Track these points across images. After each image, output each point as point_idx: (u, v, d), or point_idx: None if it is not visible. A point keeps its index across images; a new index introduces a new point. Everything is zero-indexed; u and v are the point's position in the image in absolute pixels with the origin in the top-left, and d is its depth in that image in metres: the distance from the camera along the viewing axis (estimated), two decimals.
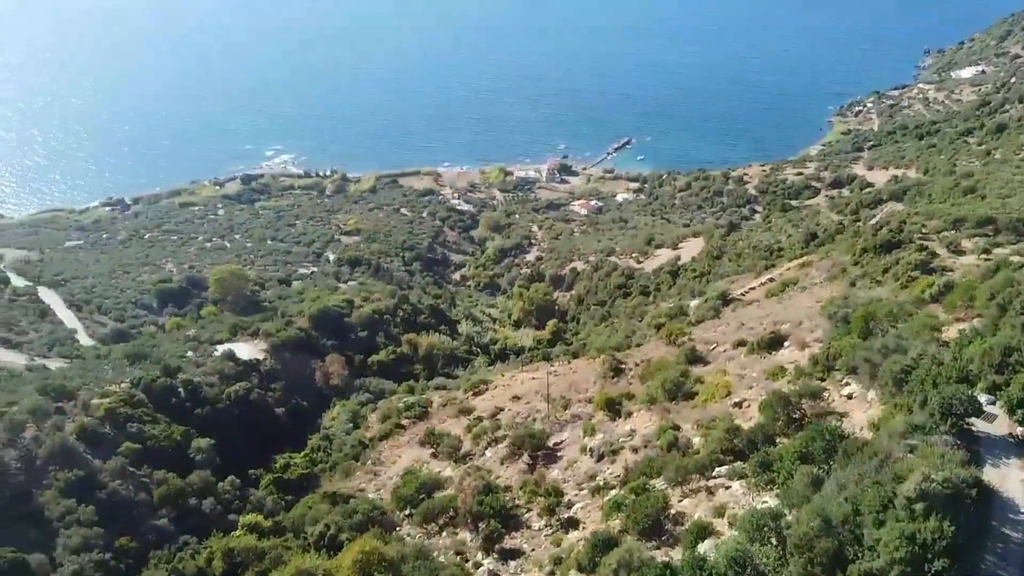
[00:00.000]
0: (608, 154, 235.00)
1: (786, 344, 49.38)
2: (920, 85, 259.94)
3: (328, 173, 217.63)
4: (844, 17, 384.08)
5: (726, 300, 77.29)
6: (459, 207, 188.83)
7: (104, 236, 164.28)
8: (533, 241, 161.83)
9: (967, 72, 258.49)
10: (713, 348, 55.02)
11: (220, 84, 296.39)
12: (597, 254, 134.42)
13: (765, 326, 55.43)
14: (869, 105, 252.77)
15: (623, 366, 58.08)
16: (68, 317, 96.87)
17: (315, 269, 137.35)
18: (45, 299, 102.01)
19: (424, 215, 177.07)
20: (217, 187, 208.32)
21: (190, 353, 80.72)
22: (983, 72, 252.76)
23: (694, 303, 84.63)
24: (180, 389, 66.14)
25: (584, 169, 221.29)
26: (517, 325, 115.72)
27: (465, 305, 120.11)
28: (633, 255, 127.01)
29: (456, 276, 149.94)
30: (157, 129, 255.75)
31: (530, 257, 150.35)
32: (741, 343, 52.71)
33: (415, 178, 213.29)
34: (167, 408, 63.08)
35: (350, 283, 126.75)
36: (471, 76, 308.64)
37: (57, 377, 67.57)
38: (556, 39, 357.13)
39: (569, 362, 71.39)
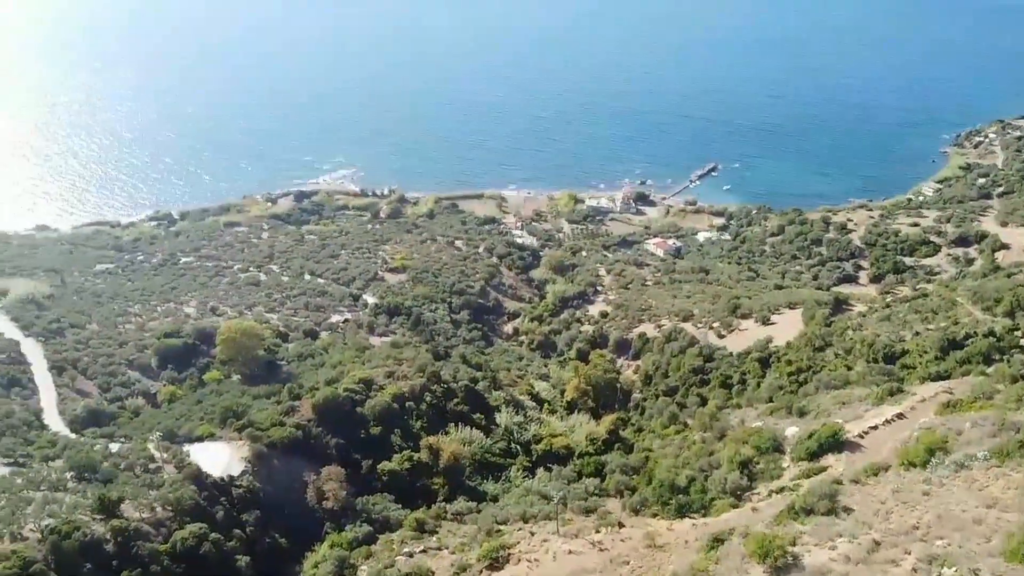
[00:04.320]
0: (691, 182, 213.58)
1: None
2: None
3: (386, 192, 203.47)
4: (954, 31, 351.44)
5: (839, 443, 58.10)
6: (520, 240, 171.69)
7: (139, 258, 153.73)
8: (599, 288, 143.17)
9: None
10: None
11: (286, 92, 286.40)
12: (671, 317, 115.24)
13: (915, 562, 36.71)
14: (992, 136, 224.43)
15: None
16: (45, 384, 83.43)
17: (349, 316, 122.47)
18: (28, 356, 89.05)
19: (480, 250, 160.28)
20: (269, 204, 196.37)
21: (156, 453, 66.02)
22: None
23: (791, 431, 65.49)
24: (108, 539, 50.85)
25: (663, 199, 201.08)
26: (570, 408, 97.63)
27: (510, 379, 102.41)
28: (714, 325, 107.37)
29: (508, 329, 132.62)
30: (214, 139, 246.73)
31: (594, 311, 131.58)
32: None
33: (477, 202, 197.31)
34: None
35: (383, 339, 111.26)
36: (544, 91, 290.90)
37: None
38: (638, 54, 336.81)
39: (620, 527, 53.66)
